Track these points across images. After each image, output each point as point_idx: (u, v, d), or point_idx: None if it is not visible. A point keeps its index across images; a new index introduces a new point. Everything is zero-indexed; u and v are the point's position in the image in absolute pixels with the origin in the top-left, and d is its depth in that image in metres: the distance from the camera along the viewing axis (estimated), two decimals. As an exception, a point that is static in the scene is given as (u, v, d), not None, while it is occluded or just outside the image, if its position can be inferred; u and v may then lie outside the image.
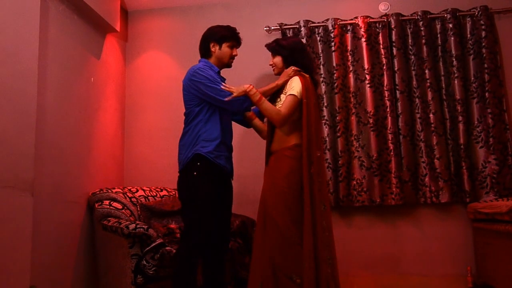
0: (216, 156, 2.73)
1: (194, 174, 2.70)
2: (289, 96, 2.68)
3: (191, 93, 2.82)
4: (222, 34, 2.91)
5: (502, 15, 3.91)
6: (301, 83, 2.69)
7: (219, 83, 2.73)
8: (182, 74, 4.23)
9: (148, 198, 3.69)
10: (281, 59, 2.88)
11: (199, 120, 2.78)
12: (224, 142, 2.80)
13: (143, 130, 4.28)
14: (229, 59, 2.94)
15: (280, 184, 2.63)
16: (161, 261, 2.93)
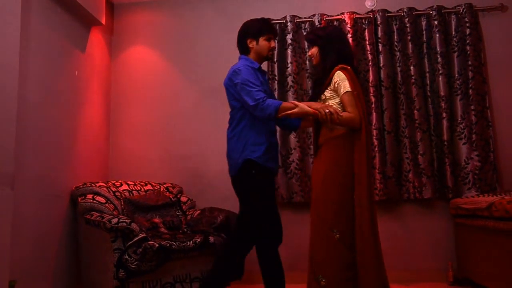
0: (265, 160, 2.75)
1: (250, 176, 2.74)
2: (345, 94, 2.61)
3: (231, 93, 2.84)
4: (257, 28, 2.89)
5: (486, 13, 3.94)
6: (347, 77, 2.62)
7: (255, 86, 2.70)
8: (169, 68, 4.27)
9: (133, 192, 3.69)
10: (318, 49, 2.79)
11: (244, 125, 2.79)
12: (271, 143, 2.82)
13: (129, 124, 4.27)
14: (268, 52, 2.90)
15: (327, 174, 2.60)
16: (143, 255, 2.92)
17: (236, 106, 2.82)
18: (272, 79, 3.99)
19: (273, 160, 2.84)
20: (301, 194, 3.86)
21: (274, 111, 2.63)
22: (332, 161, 2.60)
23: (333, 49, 2.71)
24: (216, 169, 4.08)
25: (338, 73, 2.63)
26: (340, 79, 2.62)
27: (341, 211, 2.54)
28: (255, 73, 2.80)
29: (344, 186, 2.56)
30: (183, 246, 3.13)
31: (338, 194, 2.55)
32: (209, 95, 4.19)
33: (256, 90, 2.68)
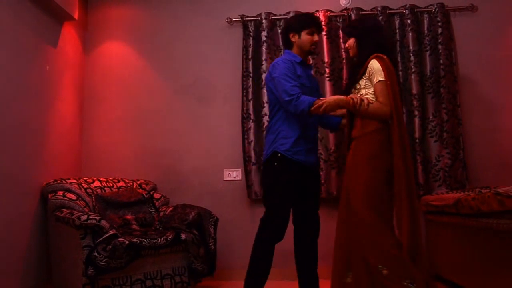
0: (294, 152, 2.78)
1: (273, 168, 2.81)
2: (378, 84, 2.55)
3: (269, 87, 2.89)
4: (299, 22, 2.90)
5: (458, 13, 4.00)
6: (381, 66, 2.55)
7: (291, 81, 2.72)
8: (143, 64, 4.24)
9: (105, 189, 3.66)
10: (354, 41, 2.76)
11: (279, 118, 2.85)
12: (304, 136, 2.83)
13: (103, 120, 4.23)
14: (310, 46, 2.90)
15: (361, 169, 2.54)
16: (113, 253, 2.90)
17: (272, 99, 2.88)
18: (247, 76, 3.99)
19: (305, 153, 2.82)
20: (275, 191, 3.87)
21: (307, 107, 2.65)
22: (364, 157, 2.54)
23: (370, 40, 2.67)
24: (191, 166, 4.08)
25: (373, 62, 2.58)
26: (374, 68, 2.57)
27: (381, 206, 2.47)
28: (294, 67, 2.82)
29: (377, 180, 2.49)
30: (154, 243, 3.12)
31: (373, 189, 2.48)
32: (185, 92, 4.18)
33: (291, 85, 2.71)
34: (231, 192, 4.00)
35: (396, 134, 2.48)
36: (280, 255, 3.92)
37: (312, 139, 2.91)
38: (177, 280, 3.26)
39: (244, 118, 3.96)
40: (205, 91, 4.15)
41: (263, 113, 3.94)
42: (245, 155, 3.93)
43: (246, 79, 3.99)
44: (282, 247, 3.94)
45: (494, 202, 2.55)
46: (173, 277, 3.25)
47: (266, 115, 3.93)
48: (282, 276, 3.84)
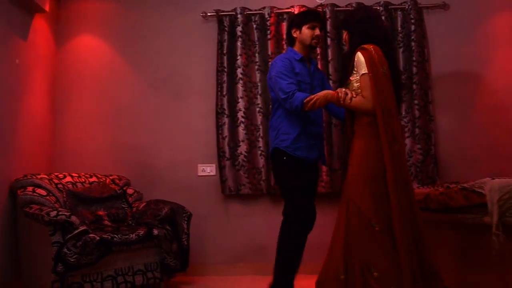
0: (294, 149, 2.82)
1: (278, 164, 2.90)
2: (362, 77, 2.46)
3: (269, 85, 2.93)
4: (300, 17, 2.95)
5: (430, 11, 4.05)
6: (364, 58, 2.45)
7: (287, 78, 2.77)
8: (117, 58, 4.19)
9: (76, 184, 3.61)
10: (346, 33, 2.70)
11: (280, 115, 2.89)
12: (305, 132, 2.84)
13: (76, 115, 4.16)
14: (311, 40, 2.91)
15: (356, 165, 2.48)
16: (83, 249, 2.87)
17: (273, 97, 2.93)
18: (222, 71, 3.98)
19: (306, 149, 2.84)
20: (249, 186, 3.88)
21: (300, 103, 2.67)
22: (360, 153, 2.48)
23: (360, 31, 2.58)
24: (165, 161, 4.05)
25: (358, 55, 2.49)
26: (359, 60, 2.48)
27: (377, 203, 2.36)
28: (292, 64, 2.85)
29: (376, 176, 2.39)
30: (126, 239, 3.10)
31: (371, 186, 2.39)
32: (159, 87, 4.14)
33: (287, 82, 2.75)
34: (205, 187, 3.99)
35: (381, 129, 2.37)
36: (253, 250, 3.96)
37: (315, 135, 2.92)
38: (149, 276, 3.25)
39: (219, 113, 3.95)
40: (180, 86, 4.12)
41: (238, 108, 3.94)
42: (219, 150, 3.92)
43: (221, 74, 3.98)
44: (255, 242, 3.99)
45: (461, 197, 2.60)
46: (145, 273, 3.23)
47: (241, 110, 3.93)
48: (254, 271, 3.85)
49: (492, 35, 4.03)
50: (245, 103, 3.94)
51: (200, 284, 3.63)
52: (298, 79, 2.84)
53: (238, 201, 3.98)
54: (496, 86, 4.01)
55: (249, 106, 3.95)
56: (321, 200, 3.89)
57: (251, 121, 3.94)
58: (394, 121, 2.39)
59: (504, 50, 4.02)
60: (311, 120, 2.90)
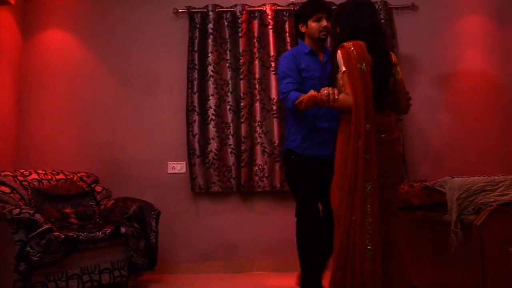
0: (304, 148, 2.78)
1: (288, 163, 2.89)
2: (343, 74, 2.40)
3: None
4: (305, 11, 2.86)
5: (400, 11, 4.11)
6: (341, 55, 2.38)
7: (287, 77, 2.74)
8: (87, 53, 4.12)
9: (43, 181, 3.54)
10: (338, 28, 2.60)
11: (289, 114, 2.85)
12: (315, 130, 2.76)
13: (43, 111, 4.07)
14: (319, 33, 2.80)
15: (336, 160, 2.46)
16: (47, 247, 2.82)
17: None
18: (193, 69, 3.96)
19: (318, 146, 2.76)
20: (219, 184, 3.87)
21: (291, 104, 2.63)
22: (338, 149, 2.46)
23: (346, 25, 2.50)
24: (135, 158, 4.01)
25: (337, 53, 2.42)
26: (338, 59, 2.41)
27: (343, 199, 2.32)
28: (297, 60, 2.80)
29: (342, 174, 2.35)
30: (92, 237, 3.06)
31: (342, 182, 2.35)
32: (129, 83, 4.09)
33: (286, 82, 2.73)
34: (175, 185, 3.97)
35: (352, 125, 2.32)
36: (222, 248, 3.96)
37: (327, 131, 2.76)
38: (116, 275, 3.21)
39: (189, 111, 3.93)
40: (150, 83, 4.08)
41: (208, 105, 3.92)
42: (189, 147, 3.90)
43: (192, 71, 3.96)
44: (225, 240, 3.99)
45: (423, 196, 2.65)
46: (112, 272, 3.20)
47: (212, 108, 3.92)
48: (224, 269, 3.86)
49: (459, 36, 4.12)
50: (215, 100, 3.93)
51: (169, 282, 3.61)
52: (303, 75, 2.76)
53: (208, 199, 3.97)
54: (462, 86, 4.11)
55: (220, 103, 3.95)
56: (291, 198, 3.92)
57: (221, 119, 3.94)
58: (363, 118, 2.28)
59: (470, 51, 4.12)
60: (320, 116, 2.78)
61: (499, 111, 4.08)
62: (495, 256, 2.23)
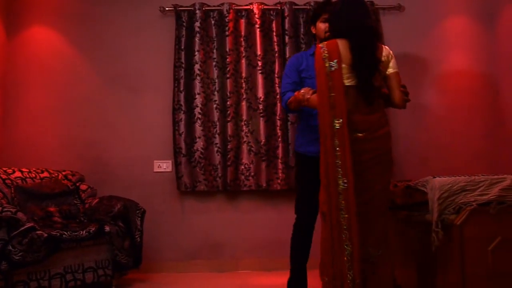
0: (298, 145, 2.89)
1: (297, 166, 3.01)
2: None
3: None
4: (312, 13, 2.98)
5: (386, 12, 4.13)
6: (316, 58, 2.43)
7: (287, 78, 2.83)
8: (72, 52, 4.09)
9: (26, 180, 3.51)
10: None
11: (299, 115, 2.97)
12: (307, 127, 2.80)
13: (28, 109, 4.04)
14: (324, 34, 2.77)
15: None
16: (30, 246, 2.80)
17: None
18: (179, 67, 3.94)
19: (307, 144, 2.79)
20: (205, 183, 3.87)
21: (284, 105, 2.76)
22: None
23: (332, 25, 2.54)
24: (121, 157, 4.00)
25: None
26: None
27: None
28: (299, 61, 2.87)
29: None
30: (76, 236, 3.05)
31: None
32: (115, 81, 4.07)
33: (285, 82, 2.83)
34: (161, 183, 3.96)
35: (320, 124, 2.36)
36: (208, 247, 3.96)
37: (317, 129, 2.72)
38: (100, 273, 3.20)
39: (175, 109, 3.91)
40: (136, 81, 4.06)
41: (195, 104, 3.91)
42: (175, 146, 3.89)
43: (178, 70, 3.94)
44: (210, 239, 3.99)
45: (406, 195, 2.67)
46: (96, 270, 3.18)
47: (198, 106, 3.91)
48: (210, 268, 3.86)
49: (444, 37, 4.15)
50: (202, 99, 3.92)
51: (154, 281, 3.60)
52: (302, 75, 2.82)
53: (194, 198, 3.96)
54: (448, 87, 4.14)
55: (206, 102, 3.94)
56: (277, 197, 3.96)
57: (208, 118, 3.93)
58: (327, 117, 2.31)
59: (456, 52, 4.15)
60: (313, 114, 2.71)
61: (485, 111, 4.11)
62: (475, 255, 2.25)
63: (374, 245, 2.33)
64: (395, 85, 2.48)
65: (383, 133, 2.41)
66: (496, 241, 2.25)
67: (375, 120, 2.39)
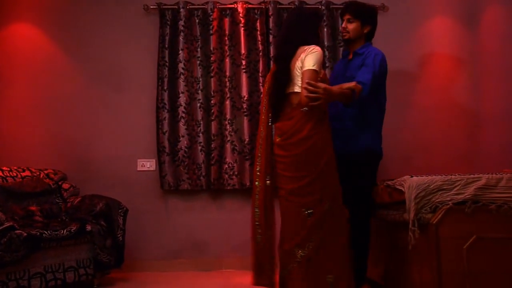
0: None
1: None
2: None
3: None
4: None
5: (370, 11, 4.13)
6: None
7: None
8: (55, 49, 4.07)
9: (7, 179, 3.49)
10: None
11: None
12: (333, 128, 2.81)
13: (9, 106, 4.00)
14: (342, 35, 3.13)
15: None
16: (8, 246, 2.78)
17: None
18: (163, 66, 3.93)
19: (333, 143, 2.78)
20: (189, 182, 3.86)
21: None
22: None
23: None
24: (104, 155, 3.98)
25: None
26: None
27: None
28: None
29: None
30: (56, 235, 3.03)
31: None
32: (98, 79, 4.04)
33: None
34: (145, 182, 3.94)
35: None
36: (192, 246, 3.96)
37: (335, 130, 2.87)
38: (82, 273, 3.19)
39: (159, 108, 3.90)
40: (120, 79, 4.04)
41: (179, 103, 3.91)
42: (159, 145, 3.88)
43: (162, 69, 3.93)
44: (194, 238, 3.99)
45: (385, 194, 2.69)
46: (77, 270, 3.17)
47: (182, 105, 3.90)
48: (194, 267, 3.86)
49: (428, 37, 4.17)
50: (186, 98, 3.91)
51: (137, 280, 3.59)
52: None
53: (177, 197, 3.95)
54: (431, 87, 4.16)
55: (190, 101, 3.93)
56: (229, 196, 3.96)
57: (192, 116, 3.93)
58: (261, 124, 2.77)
59: (439, 52, 4.17)
60: (331, 116, 2.87)
61: (466, 111, 4.14)
62: (450, 253, 2.28)
63: (300, 244, 2.46)
64: (302, 83, 2.53)
65: (298, 139, 2.54)
66: (471, 239, 2.28)
67: (288, 126, 2.58)
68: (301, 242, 2.46)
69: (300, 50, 2.58)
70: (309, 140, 2.50)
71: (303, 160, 2.51)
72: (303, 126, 2.52)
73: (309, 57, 2.52)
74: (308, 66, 2.51)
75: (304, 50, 2.56)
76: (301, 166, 2.51)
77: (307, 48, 2.56)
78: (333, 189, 2.54)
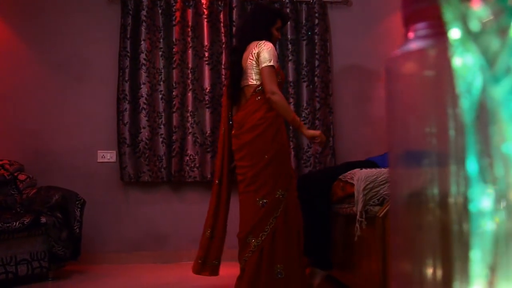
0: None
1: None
2: None
3: None
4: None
5: (334, 6, 4.17)
6: None
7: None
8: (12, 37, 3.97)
9: (-41, 169, 3.40)
10: None
11: None
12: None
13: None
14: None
15: None
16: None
17: None
18: (125, 56, 3.88)
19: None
20: (149, 173, 3.83)
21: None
22: None
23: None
24: (63, 146, 3.91)
25: None
26: None
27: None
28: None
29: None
30: (7, 227, 2.98)
31: None
32: (58, 69, 3.96)
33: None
34: (105, 174, 3.90)
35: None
36: (152, 238, 3.94)
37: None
38: (35, 266, 3.14)
39: (120, 99, 3.86)
40: (80, 69, 3.97)
41: (140, 94, 3.87)
42: (119, 136, 3.84)
43: (124, 59, 3.88)
44: (155, 230, 3.96)
45: (339, 189, 2.72)
46: (30, 262, 3.12)
47: (143, 96, 3.86)
48: (154, 259, 3.84)
49: (390, 33, 4.22)
50: (147, 89, 3.88)
51: (93, 272, 3.55)
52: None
53: (138, 189, 3.92)
54: (393, 82, 4.21)
55: (152, 92, 3.89)
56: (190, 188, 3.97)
57: (153, 108, 3.89)
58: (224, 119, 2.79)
59: (400, 47, 4.22)
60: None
61: (427, 106, 4.21)
62: (396, 245, 2.31)
63: (253, 233, 2.49)
64: (263, 80, 2.53)
65: (247, 128, 2.57)
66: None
67: (241, 117, 2.62)
68: (253, 231, 2.47)
69: (252, 45, 2.59)
70: (258, 128, 2.51)
71: (253, 148, 2.53)
72: (253, 115, 2.55)
73: (264, 53, 2.53)
74: (265, 63, 2.52)
75: (255, 45, 2.57)
76: (253, 154, 2.53)
77: (258, 43, 2.57)
78: (286, 178, 2.55)
